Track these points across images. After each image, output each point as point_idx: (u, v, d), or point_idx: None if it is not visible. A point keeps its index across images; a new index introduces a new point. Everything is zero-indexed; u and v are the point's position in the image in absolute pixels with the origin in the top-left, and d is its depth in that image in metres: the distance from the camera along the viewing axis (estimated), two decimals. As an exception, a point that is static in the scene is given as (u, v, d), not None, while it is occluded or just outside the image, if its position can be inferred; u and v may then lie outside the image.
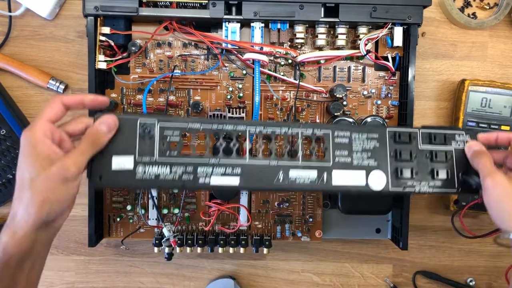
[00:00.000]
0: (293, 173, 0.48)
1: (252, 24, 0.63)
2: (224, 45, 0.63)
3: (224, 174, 0.47)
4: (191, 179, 0.46)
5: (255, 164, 0.48)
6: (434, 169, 0.53)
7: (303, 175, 0.49)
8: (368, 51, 0.63)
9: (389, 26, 0.63)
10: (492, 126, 0.67)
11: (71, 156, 0.42)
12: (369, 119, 0.63)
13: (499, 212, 0.47)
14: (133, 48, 0.62)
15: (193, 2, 0.60)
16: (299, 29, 0.63)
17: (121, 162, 0.44)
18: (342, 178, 0.50)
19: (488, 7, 0.71)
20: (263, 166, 0.48)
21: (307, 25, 0.64)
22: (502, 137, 0.53)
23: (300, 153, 0.49)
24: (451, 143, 0.55)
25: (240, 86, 0.65)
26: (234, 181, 0.47)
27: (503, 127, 0.67)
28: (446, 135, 0.55)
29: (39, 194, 0.40)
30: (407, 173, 0.51)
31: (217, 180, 0.47)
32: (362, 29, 0.63)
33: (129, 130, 0.46)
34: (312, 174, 0.49)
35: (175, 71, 0.64)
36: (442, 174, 0.53)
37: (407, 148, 0.53)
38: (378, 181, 0.51)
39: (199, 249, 0.64)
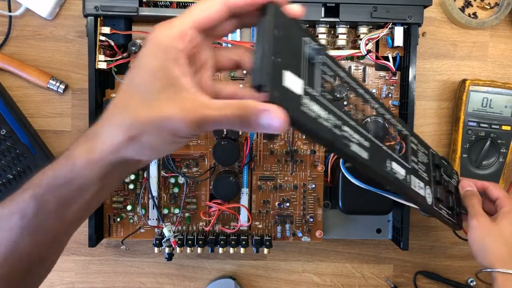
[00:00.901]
0: (394, 165, 0.45)
1: (252, 24, 0.62)
2: (224, 45, 0.63)
3: (358, 143, 0.38)
4: (337, 135, 0.35)
5: (374, 142, 0.41)
6: (449, 197, 0.55)
7: (399, 170, 0.46)
8: (368, 51, 0.63)
9: (390, 26, 0.63)
10: (493, 126, 0.67)
11: (206, 108, 0.28)
12: (369, 119, 0.62)
13: (481, 249, 0.52)
14: (133, 48, 0.62)
15: (193, 2, 0.60)
16: (300, 29, 0.63)
17: (292, 82, 0.31)
18: (415, 184, 0.48)
19: (488, 7, 0.71)
20: (379, 148, 0.42)
21: (307, 25, 0.63)
22: (476, 185, 0.58)
23: (397, 148, 0.47)
24: (452, 179, 0.58)
25: (241, 86, 0.65)
26: (364, 154, 0.39)
27: (503, 127, 0.67)
28: (453, 170, 0.58)
29: (131, 128, 0.29)
30: (441, 196, 0.53)
31: (354, 148, 0.38)
32: (363, 29, 0.63)
33: (295, 44, 0.32)
34: (403, 171, 0.46)
35: (175, 71, 0.63)
36: (452, 203, 0.55)
37: (438, 172, 0.55)
38: (428, 195, 0.51)
39: (199, 249, 0.64)
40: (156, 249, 0.64)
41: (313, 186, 0.66)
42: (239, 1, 0.31)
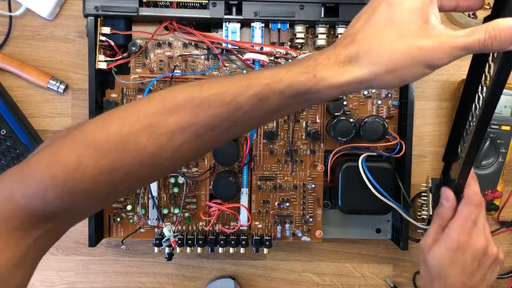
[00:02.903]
0: None
1: (252, 24, 0.63)
2: (224, 45, 0.63)
3: None
4: None
5: None
6: None
7: None
8: (368, 51, 0.63)
9: (390, 26, 0.63)
10: (493, 126, 0.67)
11: (457, 38, 0.35)
12: (369, 119, 0.63)
13: (422, 267, 0.54)
14: (133, 48, 0.62)
15: (193, 2, 0.60)
16: (299, 29, 0.63)
17: None
18: None
19: (488, 7, 0.70)
20: None
21: (307, 25, 0.63)
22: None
23: None
24: None
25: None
26: None
27: (503, 127, 0.67)
28: None
29: (391, 62, 0.34)
30: None
31: None
32: (363, 29, 0.63)
33: None
34: None
35: (175, 71, 0.64)
36: None
37: None
38: None
39: (199, 249, 0.64)
40: (156, 249, 0.64)
41: (313, 186, 0.66)
42: None
